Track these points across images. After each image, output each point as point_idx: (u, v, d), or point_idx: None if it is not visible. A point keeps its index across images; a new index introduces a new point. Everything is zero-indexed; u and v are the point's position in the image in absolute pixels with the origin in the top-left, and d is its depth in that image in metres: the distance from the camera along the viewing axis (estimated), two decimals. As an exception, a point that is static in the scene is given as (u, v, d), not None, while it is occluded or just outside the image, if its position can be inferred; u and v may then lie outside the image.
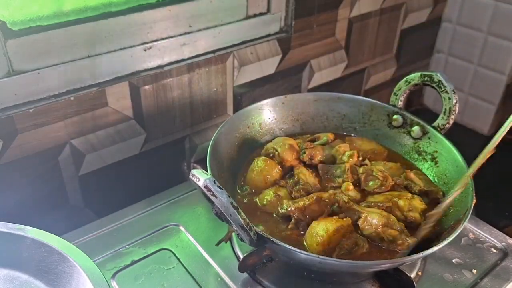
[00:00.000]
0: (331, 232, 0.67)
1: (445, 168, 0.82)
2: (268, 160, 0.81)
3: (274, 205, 0.75)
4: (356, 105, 0.93)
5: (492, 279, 0.75)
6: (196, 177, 0.59)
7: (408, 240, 0.68)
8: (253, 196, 0.78)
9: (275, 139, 0.85)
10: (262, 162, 0.80)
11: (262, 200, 0.76)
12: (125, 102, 0.84)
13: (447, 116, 0.83)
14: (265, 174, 0.79)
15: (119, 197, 0.89)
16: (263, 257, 0.68)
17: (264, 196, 0.77)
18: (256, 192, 0.79)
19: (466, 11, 1.32)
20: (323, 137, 0.88)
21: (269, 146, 0.84)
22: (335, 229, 0.67)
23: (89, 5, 0.76)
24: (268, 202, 0.75)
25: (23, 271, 0.64)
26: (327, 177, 0.80)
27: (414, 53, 1.39)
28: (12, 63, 0.70)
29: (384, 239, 0.69)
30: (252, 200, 0.77)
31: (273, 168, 0.80)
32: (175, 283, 0.73)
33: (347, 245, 0.67)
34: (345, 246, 0.67)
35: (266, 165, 0.80)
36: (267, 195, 0.76)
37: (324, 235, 0.67)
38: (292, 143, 0.84)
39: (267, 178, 0.79)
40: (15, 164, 0.75)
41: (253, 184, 0.80)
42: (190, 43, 0.87)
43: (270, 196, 0.76)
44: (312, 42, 1.08)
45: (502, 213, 1.08)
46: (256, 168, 0.80)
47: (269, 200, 0.75)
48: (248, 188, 0.79)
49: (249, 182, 0.80)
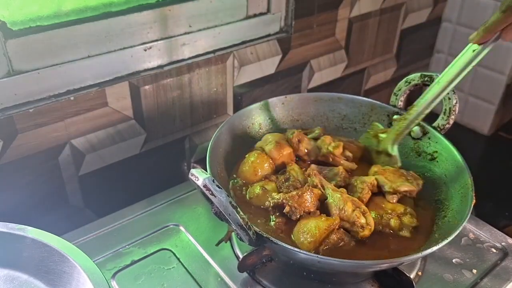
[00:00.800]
0: (322, 230, 0.67)
1: (445, 168, 0.82)
2: (260, 154, 0.81)
3: (260, 199, 0.75)
4: (356, 106, 0.93)
5: (492, 279, 0.75)
6: (195, 177, 0.59)
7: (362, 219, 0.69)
8: (243, 187, 0.79)
9: (264, 137, 0.86)
10: (254, 156, 0.81)
11: (250, 193, 0.77)
12: (125, 102, 0.84)
13: (447, 116, 0.83)
14: (256, 167, 0.80)
15: (119, 197, 0.89)
16: (262, 257, 0.68)
17: (252, 189, 0.77)
18: (246, 184, 0.79)
19: (466, 11, 1.32)
20: (315, 130, 0.89)
21: (257, 145, 0.85)
22: (326, 227, 0.68)
23: (89, 5, 0.76)
24: (254, 195, 0.76)
25: (23, 271, 0.64)
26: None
27: (414, 53, 1.39)
28: (12, 63, 0.71)
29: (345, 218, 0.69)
30: (241, 193, 0.78)
31: (264, 162, 0.80)
32: (175, 283, 0.73)
33: (333, 240, 0.68)
34: (330, 241, 0.68)
35: (258, 158, 0.80)
36: (255, 188, 0.76)
37: (316, 233, 0.67)
38: (279, 139, 0.84)
39: (258, 171, 0.79)
40: (15, 164, 0.75)
41: (244, 176, 0.80)
42: (190, 43, 0.87)
43: (257, 189, 0.76)
44: (312, 42, 1.08)
45: (502, 213, 1.08)
46: (248, 161, 0.81)
47: (256, 193, 0.76)
48: (240, 180, 0.80)
49: (240, 175, 0.81)
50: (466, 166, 0.77)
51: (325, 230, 0.68)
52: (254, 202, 0.76)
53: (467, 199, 0.71)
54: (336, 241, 0.68)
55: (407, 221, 0.72)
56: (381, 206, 0.75)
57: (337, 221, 0.69)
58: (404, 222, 0.72)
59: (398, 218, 0.73)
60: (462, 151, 0.80)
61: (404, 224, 0.72)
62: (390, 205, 0.75)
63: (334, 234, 0.68)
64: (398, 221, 0.72)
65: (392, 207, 0.74)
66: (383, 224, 0.72)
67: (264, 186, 0.76)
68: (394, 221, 0.72)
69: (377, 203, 0.76)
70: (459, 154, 0.79)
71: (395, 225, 0.72)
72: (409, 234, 0.72)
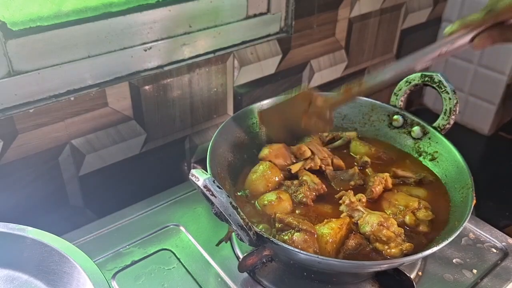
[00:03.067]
0: (336, 228, 0.68)
1: (445, 168, 0.82)
2: (271, 165, 0.80)
3: (274, 207, 0.73)
4: (357, 105, 0.93)
5: (493, 279, 0.75)
6: (195, 177, 0.59)
7: (402, 245, 0.68)
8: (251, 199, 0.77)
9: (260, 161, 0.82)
10: (265, 166, 0.79)
11: (263, 200, 0.75)
12: (125, 102, 0.84)
13: (447, 117, 0.83)
14: (267, 178, 0.78)
15: (119, 197, 0.89)
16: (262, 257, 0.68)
17: (265, 197, 0.75)
18: (255, 196, 0.77)
19: (466, 11, 1.32)
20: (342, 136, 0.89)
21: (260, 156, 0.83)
22: (339, 226, 0.68)
23: (89, 5, 0.76)
24: (268, 202, 0.74)
25: (23, 271, 0.64)
26: (336, 182, 0.81)
27: (414, 53, 1.39)
28: (12, 63, 0.71)
29: (378, 239, 0.68)
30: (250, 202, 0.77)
31: (275, 174, 0.79)
32: (175, 283, 0.73)
33: (351, 245, 0.68)
34: (349, 247, 0.68)
35: (269, 169, 0.79)
36: (269, 196, 0.75)
37: (331, 232, 0.67)
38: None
39: (269, 182, 0.78)
40: (15, 164, 0.75)
41: (253, 187, 0.78)
42: (190, 43, 0.87)
43: (272, 197, 0.74)
44: (312, 42, 1.08)
45: (502, 213, 1.08)
46: (258, 171, 0.79)
47: (270, 200, 0.74)
48: (248, 192, 0.78)
49: (248, 185, 0.79)
50: (466, 166, 0.77)
51: (338, 228, 0.68)
52: (267, 209, 0.74)
53: (467, 199, 0.71)
54: (354, 246, 0.68)
55: (423, 216, 0.72)
56: (394, 204, 0.75)
57: (347, 220, 0.70)
58: (420, 217, 0.72)
59: (413, 214, 0.72)
60: (462, 151, 0.80)
61: (421, 220, 0.72)
62: (403, 201, 0.75)
63: (351, 240, 0.68)
64: (413, 217, 0.72)
65: (406, 203, 0.74)
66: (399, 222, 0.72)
67: (279, 195, 0.74)
68: (409, 218, 0.71)
69: (390, 201, 0.76)
70: (459, 154, 0.79)
71: (410, 222, 0.71)
72: (427, 228, 0.71)
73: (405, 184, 0.81)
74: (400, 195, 0.77)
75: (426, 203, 0.74)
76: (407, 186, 0.80)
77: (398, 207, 0.74)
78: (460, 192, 0.75)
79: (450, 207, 0.75)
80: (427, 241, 0.70)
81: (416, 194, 0.78)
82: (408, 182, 0.81)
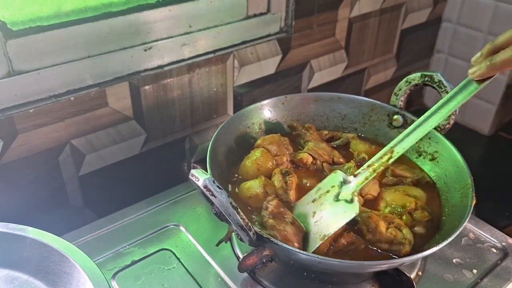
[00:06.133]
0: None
1: (445, 168, 0.82)
2: (265, 152, 0.81)
3: (259, 199, 0.73)
4: (357, 105, 0.93)
5: (493, 279, 0.75)
6: (195, 177, 0.59)
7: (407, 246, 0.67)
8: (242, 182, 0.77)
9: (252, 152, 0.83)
10: (259, 153, 0.80)
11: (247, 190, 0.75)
12: (125, 102, 0.84)
13: (447, 117, 0.83)
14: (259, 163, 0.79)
15: (119, 197, 0.89)
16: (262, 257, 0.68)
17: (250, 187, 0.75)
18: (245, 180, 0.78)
19: (466, 11, 1.32)
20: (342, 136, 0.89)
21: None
22: None
23: (89, 5, 0.76)
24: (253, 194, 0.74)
25: (23, 271, 0.64)
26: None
27: (414, 53, 1.39)
28: (12, 63, 0.71)
29: (383, 239, 0.68)
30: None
31: (268, 160, 0.80)
32: (175, 283, 0.73)
33: (342, 244, 0.67)
34: (340, 245, 0.67)
35: (262, 155, 0.80)
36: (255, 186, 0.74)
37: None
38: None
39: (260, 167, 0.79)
40: (15, 164, 0.75)
41: (244, 171, 0.79)
42: (190, 43, 0.87)
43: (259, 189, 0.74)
44: (312, 42, 1.08)
45: (502, 213, 1.08)
46: (252, 157, 0.80)
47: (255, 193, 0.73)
48: (241, 178, 0.79)
49: (241, 170, 0.80)
50: (466, 166, 0.77)
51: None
52: (251, 203, 0.74)
53: (467, 199, 0.71)
54: (345, 245, 0.67)
55: (419, 216, 0.71)
56: (391, 204, 0.74)
57: None
58: (416, 218, 0.71)
59: (409, 215, 0.71)
60: (462, 151, 0.80)
61: (417, 220, 0.71)
62: (400, 201, 0.74)
63: (343, 239, 0.67)
64: (409, 218, 0.71)
65: (403, 203, 0.73)
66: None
67: (266, 188, 0.74)
68: (405, 219, 0.71)
69: (386, 200, 0.76)
70: (460, 154, 0.79)
71: (406, 223, 0.70)
72: (423, 230, 0.71)
73: (403, 184, 0.80)
74: (397, 195, 0.76)
75: (422, 204, 0.74)
76: (405, 186, 0.80)
77: (395, 208, 0.74)
78: (460, 192, 0.75)
79: (444, 209, 0.74)
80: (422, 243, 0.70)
81: (413, 194, 0.78)
82: (406, 182, 0.80)
